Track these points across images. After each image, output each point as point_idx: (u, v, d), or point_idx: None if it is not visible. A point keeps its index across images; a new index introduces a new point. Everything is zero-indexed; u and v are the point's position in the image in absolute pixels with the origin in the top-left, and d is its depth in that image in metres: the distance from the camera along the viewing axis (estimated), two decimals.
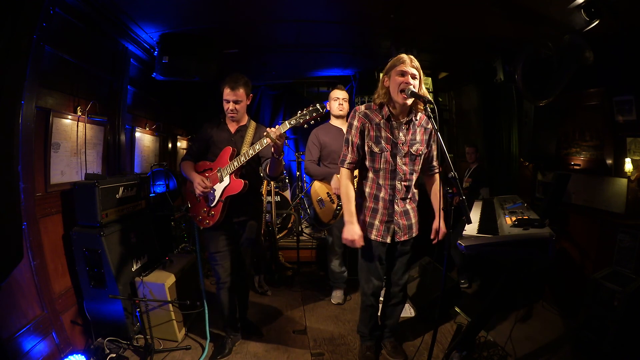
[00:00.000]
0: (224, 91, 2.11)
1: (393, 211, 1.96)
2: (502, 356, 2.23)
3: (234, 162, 2.09)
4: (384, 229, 1.98)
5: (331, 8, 2.80)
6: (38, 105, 2.02)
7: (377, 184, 1.97)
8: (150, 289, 2.34)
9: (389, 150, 1.91)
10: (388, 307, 2.26)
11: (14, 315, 1.83)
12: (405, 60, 1.80)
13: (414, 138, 1.93)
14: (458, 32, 3.13)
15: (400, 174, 1.93)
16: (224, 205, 2.13)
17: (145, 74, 3.40)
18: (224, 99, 2.13)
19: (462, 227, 1.90)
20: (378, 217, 1.98)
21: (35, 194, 2.04)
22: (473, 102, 4.64)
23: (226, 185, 2.11)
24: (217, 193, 2.14)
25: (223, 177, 2.12)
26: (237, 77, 2.11)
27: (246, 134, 2.21)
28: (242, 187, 2.08)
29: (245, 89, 2.13)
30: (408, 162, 1.93)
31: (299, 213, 4.29)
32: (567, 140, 3.14)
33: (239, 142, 2.20)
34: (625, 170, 2.56)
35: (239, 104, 2.14)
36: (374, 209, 1.99)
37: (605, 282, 2.25)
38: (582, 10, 2.18)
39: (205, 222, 2.20)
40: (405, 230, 2.00)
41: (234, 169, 2.09)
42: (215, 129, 2.26)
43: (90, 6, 2.37)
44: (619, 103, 2.58)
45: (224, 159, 2.14)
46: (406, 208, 2.00)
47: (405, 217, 1.99)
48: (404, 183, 1.94)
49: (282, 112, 5.60)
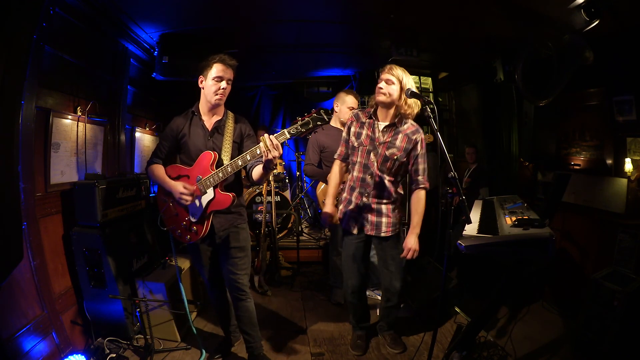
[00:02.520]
0: (215, 67, 1.81)
1: (363, 204, 2.09)
2: (502, 356, 2.23)
3: (219, 172, 1.78)
4: (352, 219, 2.14)
5: (331, 8, 2.80)
6: (38, 105, 2.02)
7: (354, 177, 2.13)
8: (150, 289, 2.34)
9: (365, 146, 2.07)
10: (384, 308, 2.36)
11: (14, 315, 1.83)
12: (384, 68, 2.00)
13: (393, 142, 2.04)
14: (458, 32, 3.13)
15: (371, 169, 2.06)
16: (208, 220, 1.86)
17: (145, 74, 3.40)
18: (216, 76, 1.81)
19: (462, 227, 1.90)
20: (350, 207, 2.14)
21: (35, 194, 2.04)
22: (473, 102, 4.65)
23: (210, 199, 1.83)
24: (200, 207, 1.86)
25: (206, 189, 1.83)
26: (227, 56, 1.85)
27: (225, 130, 1.92)
28: (230, 202, 1.81)
29: (235, 71, 1.89)
30: (381, 162, 2.05)
31: (299, 213, 4.29)
32: (567, 140, 3.14)
33: (218, 142, 1.91)
34: (625, 170, 2.56)
35: (230, 84, 1.87)
36: (349, 200, 2.16)
37: (605, 282, 2.25)
38: (582, 10, 2.18)
39: (187, 238, 1.93)
40: (373, 226, 2.10)
41: (219, 181, 1.79)
42: (187, 123, 1.93)
43: (90, 6, 2.37)
44: (619, 103, 2.58)
45: (203, 166, 1.84)
46: (379, 207, 2.09)
47: (375, 214, 2.10)
48: (375, 179, 2.06)
49: (282, 112, 5.60)
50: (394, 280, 2.18)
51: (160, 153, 1.98)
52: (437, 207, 3.18)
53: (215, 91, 1.83)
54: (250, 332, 2.08)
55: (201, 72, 1.87)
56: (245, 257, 2.01)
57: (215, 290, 2.15)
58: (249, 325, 2.07)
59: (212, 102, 1.86)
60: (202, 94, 1.92)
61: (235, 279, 1.98)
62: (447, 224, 1.62)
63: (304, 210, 4.87)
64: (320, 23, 3.07)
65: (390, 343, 2.37)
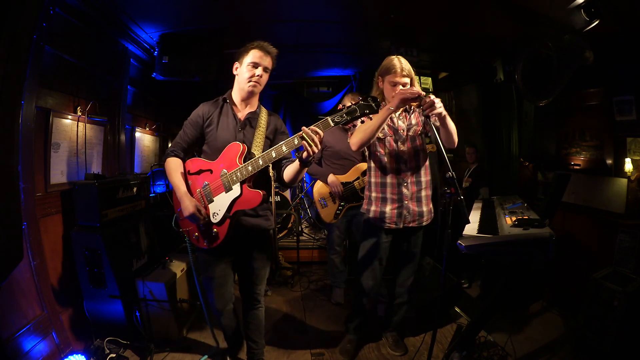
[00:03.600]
0: (252, 53, 1.64)
1: (402, 195, 2.00)
2: (502, 356, 2.23)
3: (248, 165, 1.53)
4: (396, 214, 2.01)
5: (331, 8, 2.80)
6: (38, 105, 2.02)
7: (383, 171, 2.03)
8: (150, 289, 2.34)
9: (391, 136, 2.01)
10: (393, 305, 2.32)
11: (14, 315, 1.83)
12: (396, 71, 1.88)
13: (410, 122, 2.03)
14: (458, 32, 3.13)
15: (404, 157, 2.00)
16: (232, 222, 1.61)
17: (145, 74, 3.40)
18: (251, 62, 1.63)
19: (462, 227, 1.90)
20: (388, 204, 2.02)
21: (35, 194, 2.04)
22: (473, 102, 4.65)
23: (236, 196, 1.57)
24: (223, 206, 1.60)
25: (231, 185, 1.58)
26: (268, 43, 1.67)
27: (258, 123, 1.71)
28: (260, 201, 1.56)
29: (274, 60, 1.70)
30: (410, 146, 2.01)
31: (299, 213, 4.29)
32: (567, 140, 3.14)
33: (249, 134, 1.69)
34: (625, 170, 2.56)
35: (267, 73, 1.69)
36: (382, 197, 2.03)
37: (605, 282, 2.25)
38: (582, 10, 2.18)
39: (205, 242, 1.69)
40: (415, 216, 2.03)
41: (248, 175, 1.54)
42: (217, 111, 1.72)
43: (90, 6, 2.37)
44: (619, 103, 2.58)
45: (229, 158, 1.60)
46: (419, 195, 2.03)
47: (416, 203, 2.03)
48: (410, 165, 2.00)
49: (282, 112, 5.60)
50: (410, 276, 2.17)
51: (182, 142, 1.73)
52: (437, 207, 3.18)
53: (249, 77, 1.65)
54: (257, 339, 1.99)
55: (237, 57, 1.70)
56: (267, 267, 1.87)
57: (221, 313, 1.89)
58: (256, 332, 1.98)
59: (245, 89, 1.67)
60: (236, 82, 1.74)
61: (254, 289, 1.85)
62: (447, 224, 1.62)
63: (304, 210, 4.87)
64: (320, 23, 3.07)
65: (392, 345, 2.34)
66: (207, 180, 1.66)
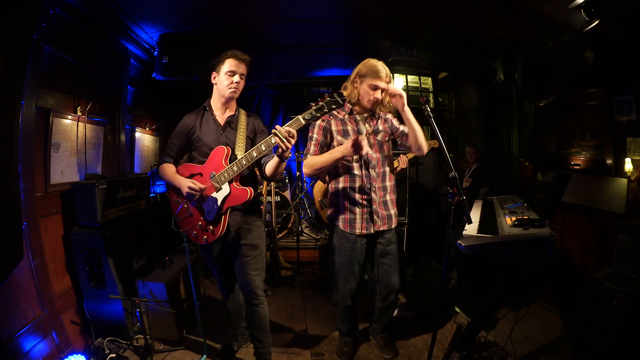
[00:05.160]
0: (228, 62, 1.80)
1: (371, 200, 2.01)
2: (502, 356, 2.23)
3: (233, 166, 1.72)
4: (366, 220, 2.02)
5: (331, 8, 2.81)
6: (38, 105, 2.02)
7: (351, 176, 2.01)
8: (150, 289, 2.34)
9: None
10: (381, 308, 2.27)
11: (14, 315, 1.83)
12: (381, 76, 1.88)
13: (377, 128, 2.03)
14: (458, 32, 3.13)
15: (373, 162, 2.00)
16: (225, 218, 1.80)
17: (145, 74, 3.41)
18: (228, 70, 1.79)
19: (462, 227, 1.90)
20: (358, 210, 2.01)
21: (35, 194, 2.04)
22: (473, 102, 4.65)
23: (226, 194, 1.76)
24: (215, 204, 1.78)
25: (221, 185, 1.77)
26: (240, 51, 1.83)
27: (238, 125, 1.88)
28: (247, 197, 1.75)
29: (247, 67, 1.86)
30: (377, 150, 2.01)
31: (299, 213, 4.29)
32: (567, 140, 3.14)
33: (231, 136, 1.86)
34: (625, 170, 2.56)
35: (243, 79, 1.85)
36: (352, 202, 2.02)
37: (605, 282, 2.25)
38: (582, 10, 2.18)
39: (203, 239, 1.87)
40: (385, 220, 2.05)
41: (234, 175, 1.74)
42: (199, 119, 1.90)
43: (90, 6, 2.38)
44: (619, 103, 2.58)
45: (216, 161, 1.79)
46: (385, 199, 2.05)
47: (384, 207, 2.04)
48: (378, 170, 2.01)
49: (282, 112, 5.59)
50: (394, 276, 2.14)
51: (171, 151, 1.93)
52: (437, 207, 3.18)
53: (228, 85, 1.80)
54: (262, 338, 2.02)
55: (213, 68, 1.86)
56: (259, 256, 1.94)
57: (227, 290, 2.15)
58: (261, 331, 2.01)
59: (225, 95, 1.83)
60: (215, 90, 1.89)
61: (248, 280, 1.90)
62: (448, 224, 1.62)
63: (304, 210, 4.87)
64: (320, 23, 3.08)
65: (383, 347, 2.30)
66: None
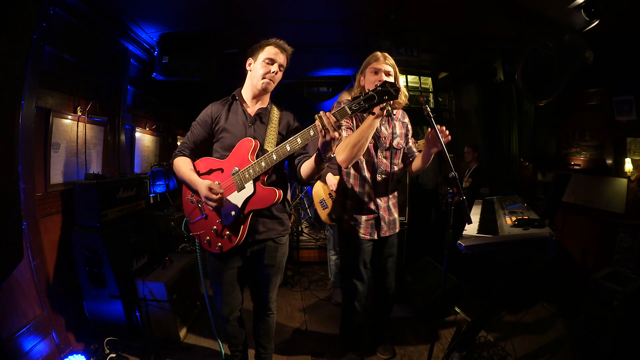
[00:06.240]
0: (268, 49, 1.59)
1: (377, 206, 1.97)
2: (502, 356, 2.23)
3: (261, 162, 1.46)
4: (371, 225, 1.97)
5: (331, 8, 2.80)
6: (38, 105, 2.02)
7: (360, 179, 1.95)
8: (150, 288, 2.34)
9: (372, 143, 1.89)
10: (378, 310, 2.28)
11: (14, 315, 1.83)
12: (379, 58, 1.82)
13: (395, 132, 1.96)
14: (458, 32, 3.13)
15: (381, 167, 1.94)
16: (246, 224, 1.53)
17: (145, 74, 3.40)
18: (267, 58, 1.58)
19: (462, 227, 1.90)
20: (364, 213, 1.96)
21: (35, 194, 2.04)
22: (473, 102, 4.64)
23: (250, 195, 1.50)
24: (235, 206, 1.52)
25: (244, 184, 1.50)
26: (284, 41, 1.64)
27: (270, 119, 1.63)
28: (275, 199, 1.49)
29: (288, 59, 1.66)
30: (389, 156, 1.94)
31: (299, 213, 4.29)
32: (567, 140, 3.14)
33: (260, 130, 1.62)
34: (625, 170, 2.56)
35: (282, 71, 1.64)
36: (358, 206, 1.95)
37: (605, 282, 2.25)
38: (582, 10, 2.18)
39: (217, 246, 1.59)
40: (390, 226, 2.02)
41: (261, 172, 1.47)
42: (225, 109, 1.66)
43: (90, 6, 2.37)
44: (619, 103, 2.59)
45: (241, 155, 1.53)
46: (390, 205, 2.03)
47: (389, 213, 2.01)
48: (384, 176, 1.96)
49: None
50: (391, 279, 2.14)
51: (190, 142, 1.66)
52: (437, 207, 3.18)
53: (264, 74, 1.58)
54: (267, 345, 1.96)
55: (251, 54, 1.65)
56: (280, 274, 1.78)
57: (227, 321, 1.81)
58: (267, 338, 1.94)
59: (258, 86, 1.60)
60: (248, 78, 1.67)
61: (266, 297, 1.78)
62: (448, 223, 1.62)
63: (304, 210, 4.86)
64: (321, 23, 3.07)
65: (381, 349, 2.30)
66: (217, 180, 1.56)
